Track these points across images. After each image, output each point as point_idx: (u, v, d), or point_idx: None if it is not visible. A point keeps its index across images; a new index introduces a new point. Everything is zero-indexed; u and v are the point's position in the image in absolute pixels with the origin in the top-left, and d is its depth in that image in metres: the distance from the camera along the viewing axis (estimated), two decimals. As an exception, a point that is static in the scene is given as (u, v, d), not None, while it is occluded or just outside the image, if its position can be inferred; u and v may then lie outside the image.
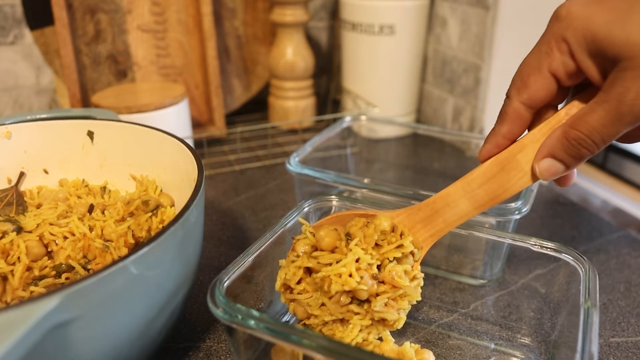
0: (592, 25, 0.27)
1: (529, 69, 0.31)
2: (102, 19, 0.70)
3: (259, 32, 0.80)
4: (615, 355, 0.39)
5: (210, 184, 0.65)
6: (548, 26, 0.30)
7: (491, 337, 0.40)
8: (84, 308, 0.26)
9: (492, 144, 0.33)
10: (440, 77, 0.79)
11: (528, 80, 0.31)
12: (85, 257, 0.38)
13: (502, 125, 0.33)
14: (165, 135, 0.43)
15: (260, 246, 0.36)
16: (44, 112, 0.47)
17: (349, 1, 0.75)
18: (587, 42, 0.28)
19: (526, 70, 0.31)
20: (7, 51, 0.74)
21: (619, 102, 0.27)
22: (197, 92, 0.76)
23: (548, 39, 0.30)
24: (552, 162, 0.31)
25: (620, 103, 0.27)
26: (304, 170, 0.48)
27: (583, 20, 0.28)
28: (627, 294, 0.45)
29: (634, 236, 0.54)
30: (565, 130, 0.30)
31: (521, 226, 0.55)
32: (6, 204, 0.44)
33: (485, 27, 0.67)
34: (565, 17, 0.29)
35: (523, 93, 0.31)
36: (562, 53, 0.29)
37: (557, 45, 0.29)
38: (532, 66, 0.31)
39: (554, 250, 0.37)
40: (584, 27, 0.28)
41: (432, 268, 0.47)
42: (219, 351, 0.39)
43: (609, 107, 0.28)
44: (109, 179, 0.47)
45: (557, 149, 0.31)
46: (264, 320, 0.29)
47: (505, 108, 0.32)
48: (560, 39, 0.29)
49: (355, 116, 0.62)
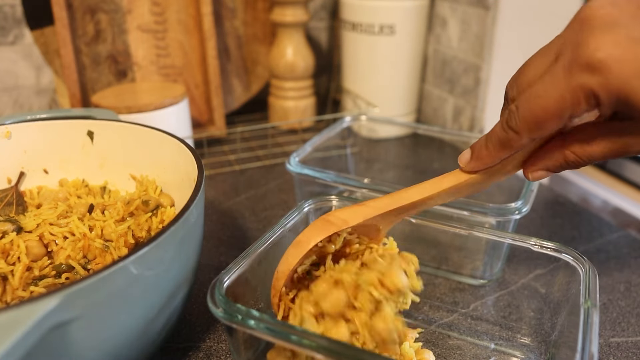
0: (628, 88, 0.25)
1: (546, 114, 0.28)
2: (102, 19, 0.70)
3: (259, 32, 0.80)
4: (615, 355, 0.39)
5: (210, 184, 0.65)
6: (573, 62, 0.26)
7: (491, 337, 0.40)
8: (84, 308, 0.26)
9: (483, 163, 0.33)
10: (440, 77, 0.79)
11: (545, 125, 0.28)
12: (85, 257, 0.38)
13: (502, 151, 0.31)
14: (165, 135, 0.43)
15: (260, 246, 0.36)
16: (44, 112, 0.47)
17: (349, 1, 0.75)
18: (618, 100, 0.26)
19: (542, 115, 0.28)
20: (7, 51, 0.74)
21: (626, 148, 0.28)
22: (197, 92, 0.76)
23: (574, 88, 0.26)
24: (545, 173, 0.32)
25: (626, 149, 0.28)
26: (304, 170, 0.48)
27: (620, 79, 0.25)
28: (627, 294, 0.45)
29: (634, 236, 0.54)
30: (565, 154, 0.30)
31: (521, 226, 0.55)
32: (6, 204, 0.44)
33: (485, 27, 0.67)
34: (600, 69, 0.25)
35: (535, 133, 0.29)
36: (590, 106, 0.27)
37: (586, 99, 0.26)
38: (552, 112, 0.28)
39: (554, 250, 0.37)
40: (619, 87, 0.25)
41: (432, 268, 0.47)
42: (219, 351, 0.39)
43: (614, 148, 0.28)
44: (109, 179, 0.47)
45: (553, 166, 0.31)
46: (264, 320, 0.29)
47: (510, 141, 0.30)
48: (591, 95, 0.26)
49: (355, 116, 0.62)
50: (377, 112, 0.74)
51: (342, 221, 0.35)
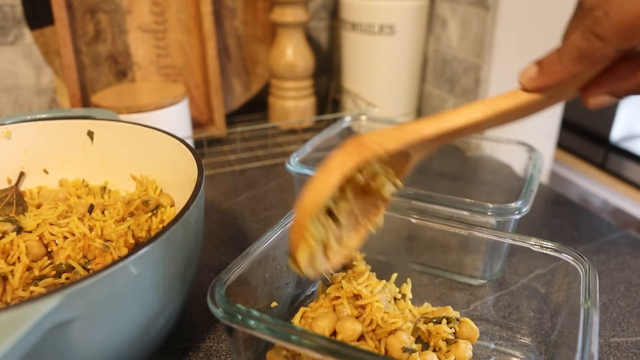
0: None
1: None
2: (102, 19, 0.70)
3: (259, 32, 0.80)
4: (615, 355, 0.39)
5: (210, 184, 0.65)
6: None
7: (491, 337, 0.40)
8: (84, 308, 0.26)
9: (554, 78, 0.29)
10: (440, 77, 0.79)
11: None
12: (85, 257, 0.38)
13: (580, 64, 0.28)
14: (165, 135, 0.43)
15: (260, 246, 0.36)
16: (44, 112, 0.47)
17: (349, 1, 0.75)
18: None
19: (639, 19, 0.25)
20: (7, 51, 0.74)
21: None
22: (197, 92, 0.76)
23: None
24: (609, 98, 0.30)
25: None
26: (304, 170, 0.48)
27: None
28: (627, 294, 0.45)
29: (634, 236, 0.54)
30: (639, 76, 0.28)
31: (521, 226, 0.55)
32: (6, 204, 0.44)
33: (485, 27, 0.67)
34: None
35: (628, 40, 0.26)
36: None
37: None
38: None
39: (554, 250, 0.37)
40: None
41: (432, 268, 0.47)
42: (219, 351, 0.39)
43: None
44: (109, 179, 0.47)
45: (621, 90, 0.29)
46: (264, 320, 0.29)
47: (594, 51, 0.27)
48: None
49: (355, 116, 0.62)
50: (377, 112, 0.74)
51: (379, 145, 0.30)
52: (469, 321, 0.37)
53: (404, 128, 0.31)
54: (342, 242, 0.33)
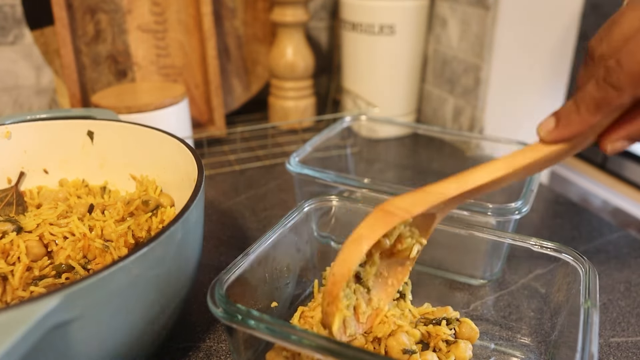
0: None
1: None
2: (102, 19, 0.70)
3: (259, 32, 0.80)
4: (615, 355, 0.39)
5: (210, 184, 0.65)
6: None
7: (491, 337, 0.40)
8: (84, 308, 0.26)
9: (572, 130, 0.29)
10: (440, 77, 0.79)
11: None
12: (85, 257, 0.38)
13: (597, 114, 0.28)
14: (165, 135, 0.43)
15: (260, 246, 0.36)
16: (43, 112, 0.47)
17: (349, 1, 0.75)
18: None
19: None
20: (7, 51, 0.74)
21: None
22: (197, 92, 0.76)
23: None
24: (627, 143, 0.30)
25: None
26: (304, 170, 0.48)
27: None
28: (627, 294, 0.45)
29: (634, 236, 0.54)
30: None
31: (521, 226, 0.55)
32: (6, 204, 0.44)
33: (485, 27, 0.67)
34: None
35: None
36: None
37: None
38: None
39: (554, 250, 0.37)
40: None
41: (432, 268, 0.47)
42: (219, 351, 0.39)
43: None
44: (109, 179, 0.47)
45: (638, 134, 0.29)
46: (264, 320, 0.29)
47: (609, 100, 0.27)
48: None
49: (355, 116, 0.62)
50: (377, 112, 0.74)
51: (404, 211, 0.30)
52: (469, 321, 0.37)
53: (428, 191, 0.31)
54: (371, 304, 0.35)
